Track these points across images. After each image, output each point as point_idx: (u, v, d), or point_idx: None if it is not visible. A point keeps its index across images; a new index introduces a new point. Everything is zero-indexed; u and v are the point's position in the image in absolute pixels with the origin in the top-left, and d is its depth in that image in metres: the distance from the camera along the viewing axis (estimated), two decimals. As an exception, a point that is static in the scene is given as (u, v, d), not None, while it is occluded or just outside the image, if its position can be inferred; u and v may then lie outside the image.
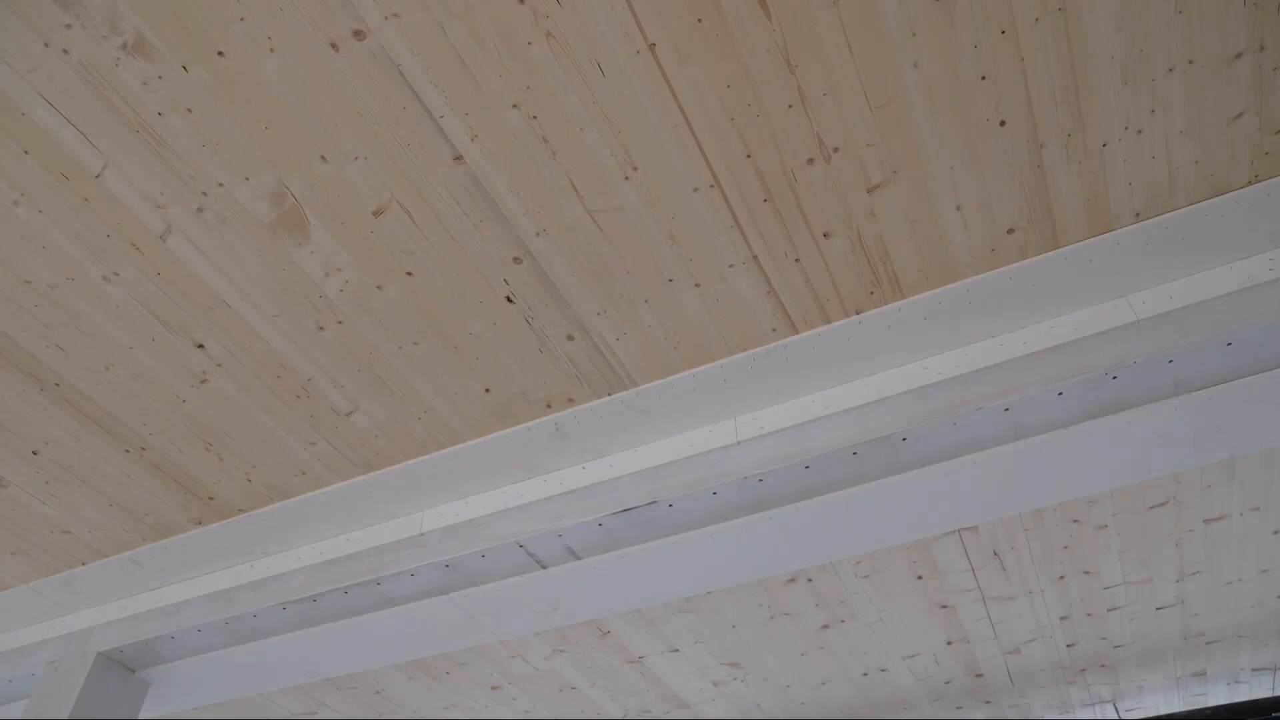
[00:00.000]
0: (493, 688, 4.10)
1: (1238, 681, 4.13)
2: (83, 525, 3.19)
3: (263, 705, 4.29)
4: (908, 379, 2.47)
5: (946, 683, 4.07)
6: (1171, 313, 2.26)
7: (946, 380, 2.41)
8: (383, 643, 3.24)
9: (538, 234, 2.22)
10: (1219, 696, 4.23)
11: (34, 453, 2.86)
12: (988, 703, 4.24)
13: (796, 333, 2.46)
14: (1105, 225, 2.24)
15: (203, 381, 2.60)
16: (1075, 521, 3.14)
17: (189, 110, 2.00)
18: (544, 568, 2.83)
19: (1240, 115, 2.05)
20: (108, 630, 3.51)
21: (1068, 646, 3.83)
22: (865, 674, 3.99)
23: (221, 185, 2.13)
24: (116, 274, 2.31)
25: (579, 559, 2.78)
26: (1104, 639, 3.78)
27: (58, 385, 2.62)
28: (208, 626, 3.27)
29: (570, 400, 2.64)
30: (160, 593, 3.49)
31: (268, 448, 2.83)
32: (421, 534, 2.98)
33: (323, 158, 2.08)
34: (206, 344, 2.48)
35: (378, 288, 2.34)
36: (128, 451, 2.86)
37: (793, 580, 3.37)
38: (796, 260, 2.28)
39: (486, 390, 2.61)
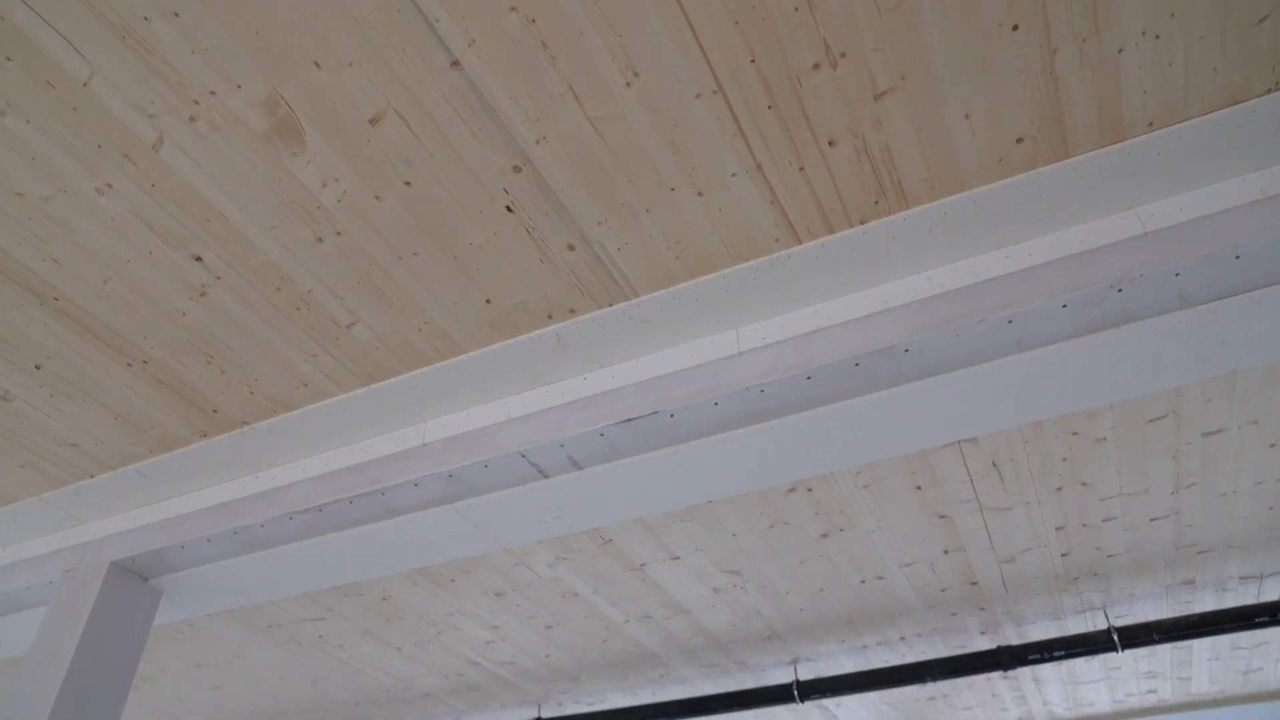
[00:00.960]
0: (497, 594, 4.19)
1: (1225, 589, 4.22)
2: (88, 438, 3.22)
3: (272, 611, 4.41)
4: (911, 290, 2.45)
5: (942, 590, 4.16)
6: (1180, 225, 2.23)
7: (950, 292, 2.39)
8: (388, 551, 3.30)
9: (537, 142, 2.17)
10: (1206, 604, 4.32)
11: (36, 367, 2.87)
12: (982, 610, 4.33)
13: (800, 243, 2.43)
14: (1117, 135, 2.19)
15: (202, 294, 2.58)
16: (1074, 434, 3.16)
17: (176, 14, 1.94)
18: (546, 477, 2.86)
19: (1265, 19, 1.98)
20: (119, 540, 3.58)
21: (1062, 556, 3.90)
22: (863, 582, 4.08)
23: (213, 93, 2.08)
24: (110, 186, 2.27)
25: (581, 469, 2.81)
26: (1098, 549, 3.85)
27: (56, 299, 2.60)
28: (216, 536, 3.33)
29: (571, 311, 2.63)
30: (168, 504, 3.55)
31: (269, 360, 2.84)
32: (424, 445, 3.00)
33: (316, 64, 2.03)
34: (204, 256, 2.46)
35: (376, 198, 2.30)
36: (129, 365, 2.87)
37: (793, 490, 3.41)
38: (801, 169, 2.24)
39: (487, 301, 2.60)
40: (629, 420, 2.62)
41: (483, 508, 3.00)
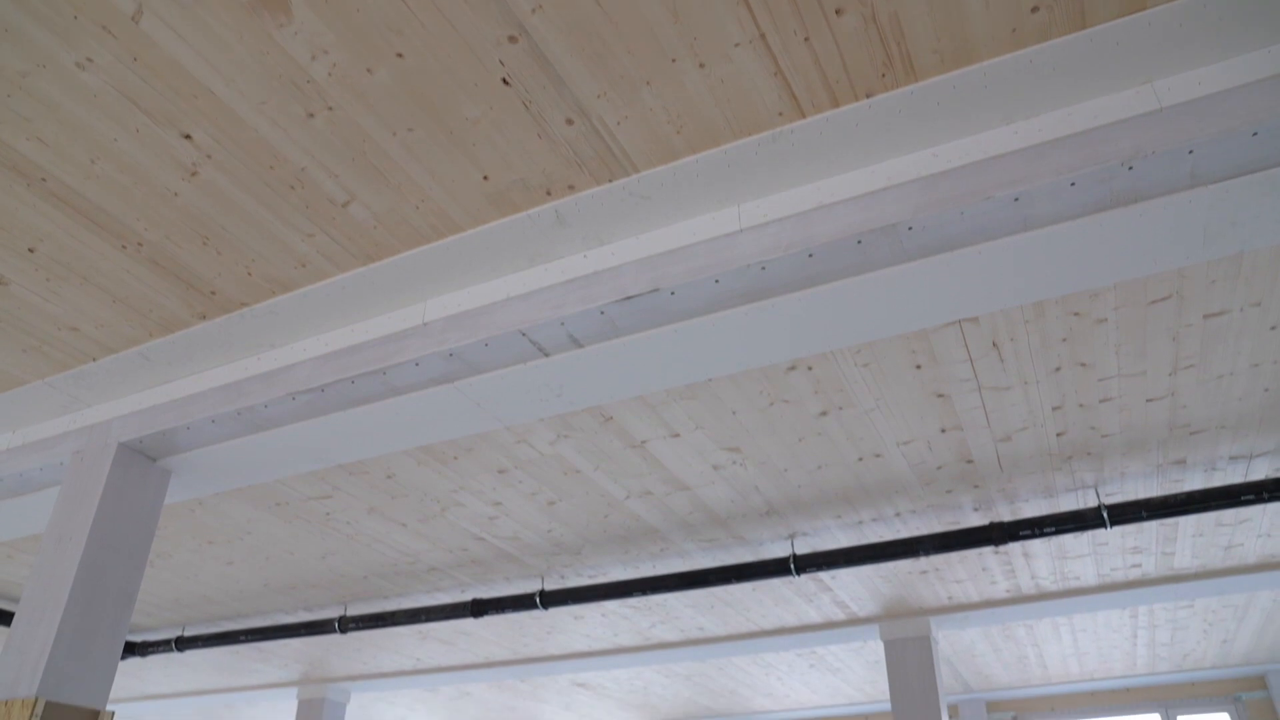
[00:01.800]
0: (499, 471, 4.27)
1: (1214, 469, 4.28)
2: (88, 322, 3.22)
3: (279, 490, 4.50)
4: (916, 166, 2.40)
5: (938, 468, 4.23)
6: (1197, 100, 2.16)
7: (956, 169, 2.34)
8: (390, 430, 3.34)
9: (534, 10, 2.09)
10: (1195, 483, 4.40)
11: (30, 250, 2.84)
12: (976, 487, 4.42)
13: (804, 117, 2.37)
14: (1138, 3, 2.10)
15: (193, 174, 2.53)
16: (1076, 314, 3.15)
17: None
18: (546, 355, 2.87)
19: (1297, -126, 1.88)
20: (126, 422, 3.62)
21: (1057, 435, 3.95)
22: (860, 459, 4.14)
23: (193, -45, 1.99)
24: (90, 60, 2.19)
25: (581, 346, 2.81)
26: (1093, 428, 3.89)
27: (44, 180, 2.55)
28: (221, 417, 3.37)
29: (570, 187, 2.58)
30: (173, 386, 3.57)
31: (265, 240, 2.80)
32: (424, 324, 3.00)
33: (299, -77, 1.93)
34: (193, 134, 2.40)
35: (367, 71, 2.23)
36: (124, 247, 2.84)
37: (792, 368, 3.43)
38: (805, 39, 2.16)
39: (485, 177, 2.55)
40: (629, 298, 2.61)
41: (483, 386, 3.02)
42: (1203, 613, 6.66)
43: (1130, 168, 2.15)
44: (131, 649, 7.14)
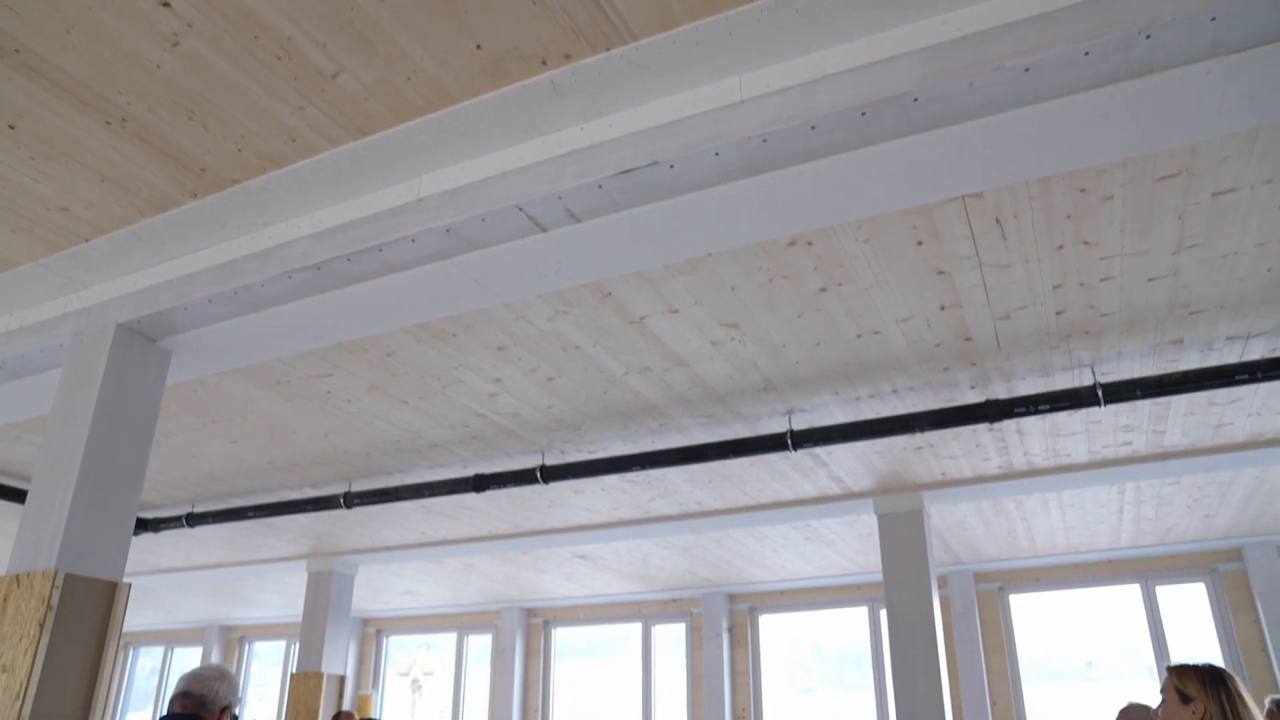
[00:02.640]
0: (499, 348, 4.28)
1: (1211, 349, 4.29)
2: (78, 201, 3.16)
3: (279, 369, 4.52)
4: (924, 35, 2.31)
5: (936, 345, 4.24)
6: (1223, -39, 2.06)
7: (965, 37, 2.26)
8: (388, 307, 3.33)
9: None
10: (1191, 362, 4.42)
11: (10, 126, 2.76)
12: (973, 365, 4.44)
13: (810, -18, 2.27)
14: None
15: (174, 44, 2.44)
16: (1082, 191, 3.10)
17: None
18: (544, 231, 2.83)
19: None
20: (124, 303, 3.60)
21: (1056, 314, 3.94)
22: (859, 336, 4.15)
23: None
24: (62, -91, 2.08)
25: (579, 221, 2.77)
26: (1092, 307, 3.88)
27: (18, 51, 2.46)
28: (218, 296, 3.35)
29: (566, 56, 2.50)
30: (168, 266, 3.54)
31: (253, 114, 2.72)
32: (419, 199, 2.95)
33: None
34: (172, 1, 2.30)
35: (352, -73, 2.12)
36: (108, 123, 2.76)
37: (792, 243, 3.39)
38: (814, -105, 2.05)
39: (478, 47, 2.46)
40: (627, 171, 2.55)
41: (480, 262, 2.99)
42: (1188, 489, 6.81)
43: (1148, 36, 2.07)
44: (144, 525, 7.31)
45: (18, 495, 6.23)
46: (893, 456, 5.86)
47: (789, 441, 4.99)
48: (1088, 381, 4.61)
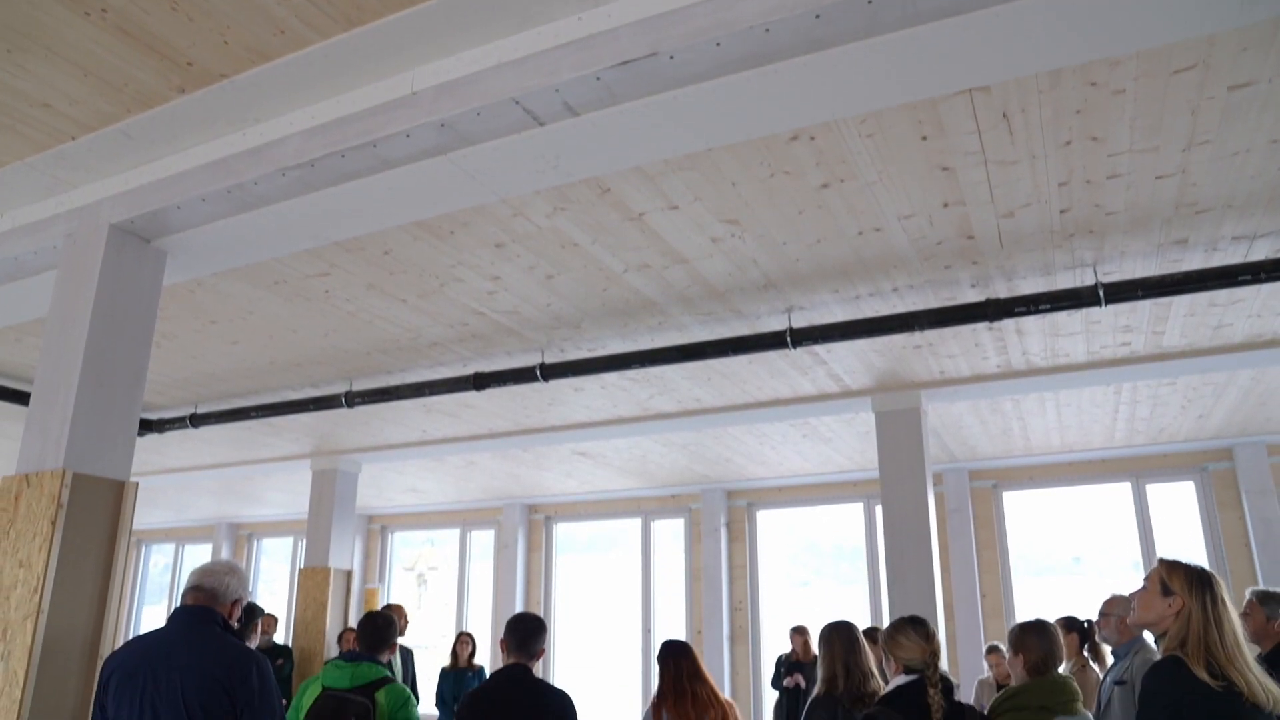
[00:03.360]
0: (496, 245, 4.24)
1: (1215, 249, 4.25)
2: (61, 98, 3.08)
3: (277, 269, 4.48)
4: (937, -85, 2.21)
5: (938, 243, 4.20)
6: None
7: (979, -83, 2.16)
8: (384, 204, 3.29)
9: None
10: (1194, 262, 4.38)
11: (-15, 14, 2.67)
12: (975, 263, 4.41)
13: None
14: None
15: (155, -81, 2.34)
16: (1092, 84, 3.02)
17: None
18: (541, 124, 2.77)
19: None
20: (115, 203, 3.55)
21: (1061, 212, 3.89)
22: (860, 233, 4.10)
23: None
24: None
25: (577, 115, 2.71)
26: (1097, 206, 3.83)
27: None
28: (211, 195, 3.30)
29: (563, -60, 2.40)
30: (159, 165, 3.48)
31: (239, 4, 2.63)
32: (413, 93, 2.88)
33: None
34: None
35: None
36: (87, 14, 2.66)
37: (794, 138, 3.32)
38: None
39: (470, -73, 2.37)
40: (626, 63, 2.48)
41: (477, 157, 2.94)
42: (1184, 390, 6.85)
43: (1169, -85, 1.99)
44: (149, 426, 7.39)
45: (21, 397, 6.27)
46: (892, 355, 5.88)
47: (788, 339, 4.99)
48: (1089, 281, 4.59)
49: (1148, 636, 4.04)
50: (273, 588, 13.68)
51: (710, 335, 5.45)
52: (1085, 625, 4.67)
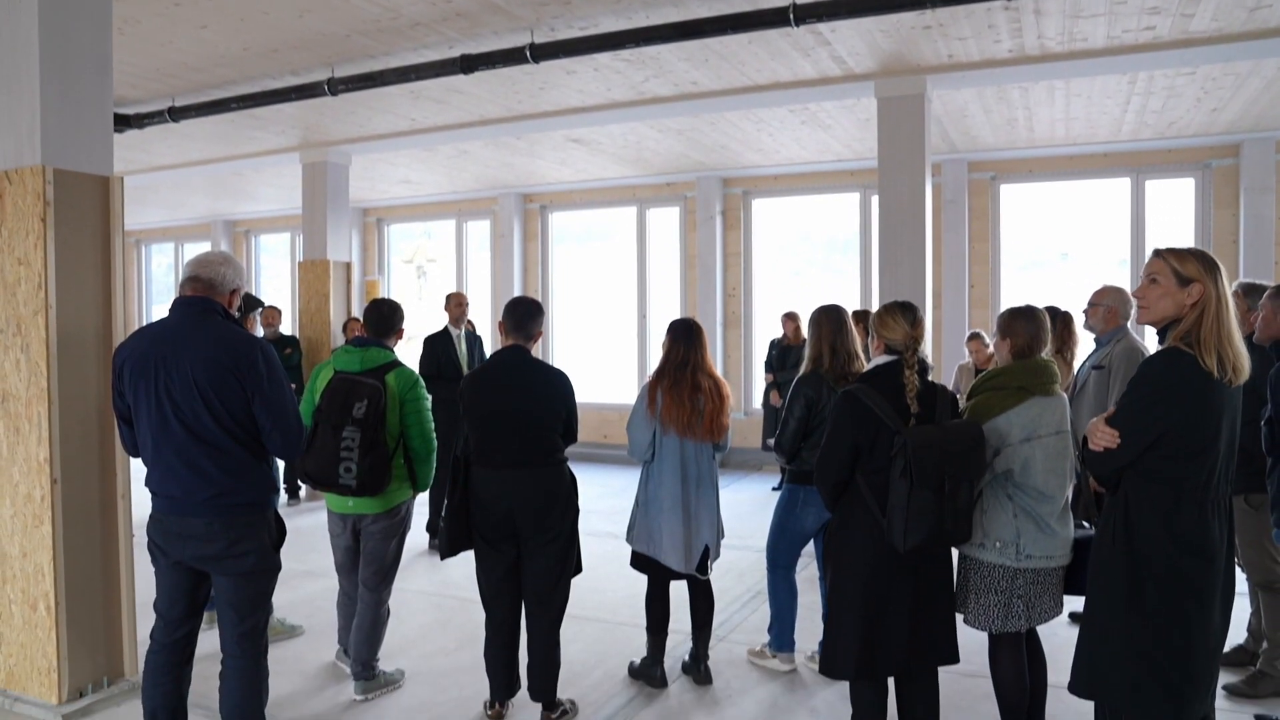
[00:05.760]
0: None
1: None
2: None
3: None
4: None
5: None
6: None
7: None
8: None
9: None
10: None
11: None
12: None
13: None
14: None
15: None
16: None
17: None
18: None
19: None
20: None
21: None
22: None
23: None
24: None
25: None
26: None
27: None
28: None
29: None
30: None
31: None
32: None
33: None
34: None
35: None
36: None
37: None
38: None
39: None
40: None
41: None
42: (1202, 80, 6.55)
43: None
44: (127, 121, 7.21)
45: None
46: (899, 36, 5.56)
47: (791, 15, 4.70)
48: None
49: (1132, 326, 4.18)
50: (275, 284, 13.92)
51: (709, 12, 5.11)
52: (1065, 315, 4.80)
